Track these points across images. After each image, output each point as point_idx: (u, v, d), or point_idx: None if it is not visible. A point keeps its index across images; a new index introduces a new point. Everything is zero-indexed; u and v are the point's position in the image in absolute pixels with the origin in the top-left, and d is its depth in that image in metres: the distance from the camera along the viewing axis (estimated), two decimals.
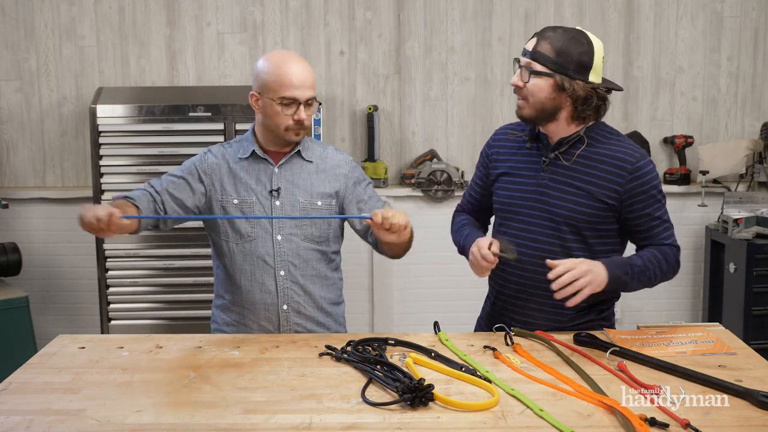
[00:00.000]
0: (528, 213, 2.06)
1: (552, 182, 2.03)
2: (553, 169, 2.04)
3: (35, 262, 4.08)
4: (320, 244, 2.23)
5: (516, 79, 2.02)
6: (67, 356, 1.90)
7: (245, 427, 1.50)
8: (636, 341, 1.93)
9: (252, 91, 2.17)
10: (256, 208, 2.20)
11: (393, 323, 4.04)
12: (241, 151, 2.24)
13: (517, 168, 2.11)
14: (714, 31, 4.13)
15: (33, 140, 4.11)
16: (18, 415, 1.55)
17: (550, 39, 1.96)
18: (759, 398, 1.55)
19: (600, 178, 1.99)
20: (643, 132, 4.12)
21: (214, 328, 2.32)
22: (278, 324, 2.22)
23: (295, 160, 2.23)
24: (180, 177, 2.23)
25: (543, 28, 2.03)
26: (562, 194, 2.01)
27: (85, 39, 4.06)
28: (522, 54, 2.02)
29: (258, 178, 2.21)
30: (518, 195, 2.09)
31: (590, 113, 2.01)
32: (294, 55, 2.17)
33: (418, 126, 4.17)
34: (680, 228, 4.14)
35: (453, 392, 1.64)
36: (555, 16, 4.09)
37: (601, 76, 2.03)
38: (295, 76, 2.10)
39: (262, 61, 2.16)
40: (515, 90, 2.03)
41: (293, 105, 2.11)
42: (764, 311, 3.72)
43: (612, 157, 1.99)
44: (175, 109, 3.62)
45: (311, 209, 2.21)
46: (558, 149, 2.03)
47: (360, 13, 4.08)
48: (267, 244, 2.19)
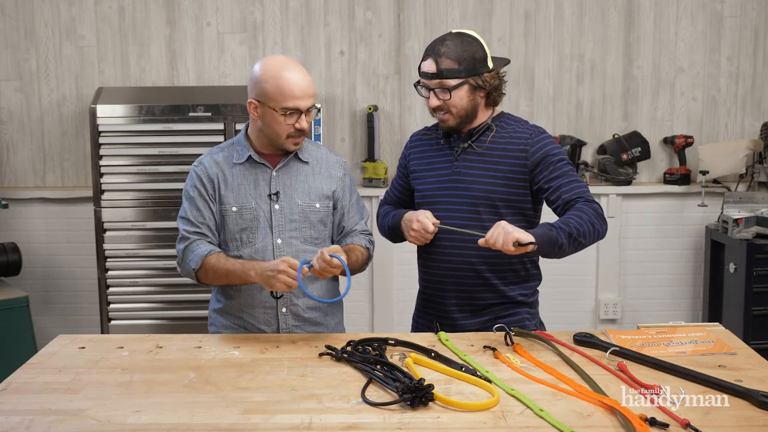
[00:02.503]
0: (446, 200, 2.20)
1: (465, 169, 2.19)
2: (465, 157, 2.20)
3: (35, 262, 4.08)
4: (318, 245, 2.23)
5: (434, 101, 2.15)
6: (67, 356, 1.90)
7: (245, 427, 1.50)
8: (636, 341, 1.93)
9: (250, 99, 2.15)
10: (256, 213, 2.19)
11: (393, 323, 4.04)
12: (236, 156, 2.22)
13: (432, 162, 2.26)
14: (714, 31, 4.13)
15: (33, 140, 4.12)
16: (18, 415, 1.55)
17: (445, 53, 2.10)
18: (759, 398, 1.56)
19: (508, 157, 2.16)
20: (643, 132, 4.12)
21: (212, 331, 2.31)
22: (277, 327, 2.21)
23: (292, 162, 2.23)
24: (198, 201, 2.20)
25: (429, 47, 2.16)
26: (477, 178, 2.17)
27: (85, 39, 4.06)
28: (424, 78, 2.15)
29: (256, 183, 2.20)
30: (436, 186, 2.23)
31: (503, 93, 2.21)
32: (292, 63, 2.14)
33: (418, 126, 4.15)
34: (680, 228, 4.16)
35: (453, 392, 1.64)
36: (555, 16, 4.09)
37: (491, 59, 2.18)
38: (296, 86, 2.09)
39: (259, 68, 2.13)
40: (435, 110, 2.17)
41: (295, 114, 2.11)
42: (764, 311, 3.72)
43: (516, 137, 2.17)
44: (175, 109, 3.62)
45: (310, 211, 2.21)
46: (469, 138, 2.20)
47: (360, 13, 4.08)
48: (267, 249, 2.19)
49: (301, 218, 2.20)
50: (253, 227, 2.19)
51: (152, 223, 3.67)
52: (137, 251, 3.69)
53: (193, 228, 2.20)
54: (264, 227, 2.19)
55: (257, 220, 2.19)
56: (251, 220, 2.19)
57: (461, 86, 2.11)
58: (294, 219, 2.20)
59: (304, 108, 2.11)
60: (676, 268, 4.21)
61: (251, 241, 2.19)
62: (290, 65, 2.13)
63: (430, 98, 2.15)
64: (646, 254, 4.17)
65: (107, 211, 3.65)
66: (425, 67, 2.14)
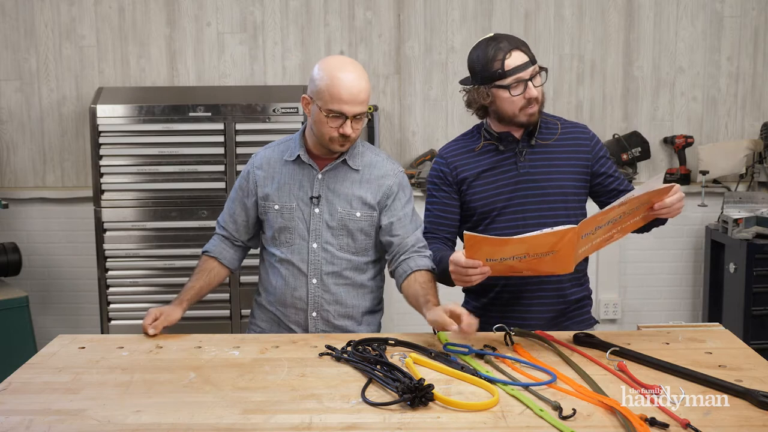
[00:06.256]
0: (517, 202, 2.14)
1: (534, 167, 2.15)
2: (531, 157, 2.16)
3: (35, 262, 4.08)
4: (356, 254, 2.20)
5: (535, 91, 2.08)
6: (67, 356, 1.90)
7: (245, 427, 1.50)
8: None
9: (304, 94, 2.12)
10: (296, 214, 2.17)
11: (393, 323, 4.03)
12: (288, 153, 2.21)
13: (492, 168, 2.17)
14: (714, 31, 4.12)
15: (33, 140, 4.12)
16: (18, 415, 1.55)
17: (520, 44, 2.10)
18: (759, 398, 1.55)
19: (574, 151, 2.18)
20: (643, 132, 4.12)
21: (251, 322, 2.35)
22: (306, 329, 2.22)
23: (340, 167, 2.18)
24: (235, 201, 2.28)
25: (504, 45, 2.09)
26: (548, 174, 2.15)
27: (85, 39, 4.06)
28: (518, 72, 2.06)
29: (301, 183, 2.18)
30: (502, 190, 2.15)
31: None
32: (351, 66, 2.07)
33: (418, 126, 4.17)
34: (680, 228, 4.16)
35: (453, 392, 1.64)
36: (555, 16, 4.09)
37: None
38: (346, 90, 2.02)
39: (319, 65, 2.09)
40: (527, 104, 2.09)
41: (340, 118, 2.05)
42: (764, 311, 3.72)
43: (577, 132, 2.21)
44: (175, 109, 3.62)
45: (349, 219, 2.16)
46: (531, 136, 2.16)
47: (360, 13, 4.08)
48: (303, 252, 2.18)
49: (340, 225, 2.16)
50: (291, 228, 2.18)
51: (152, 223, 3.66)
52: (137, 251, 3.69)
53: (217, 230, 2.33)
54: (301, 230, 2.17)
55: (296, 221, 2.17)
56: (290, 220, 2.17)
57: (545, 74, 2.11)
58: (332, 225, 2.16)
59: (351, 114, 2.04)
60: (676, 268, 4.21)
61: (288, 241, 2.19)
62: (348, 67, 2.06)
63: (528, 89, 2.06)
64: (646, 254, 4.17)
65: (107, 211, 3.65)
66: (515, 60, 2.06)
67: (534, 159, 2.16)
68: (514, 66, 2.06)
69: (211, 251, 2.29)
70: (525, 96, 2.07)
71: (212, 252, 2.29)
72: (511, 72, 2.06)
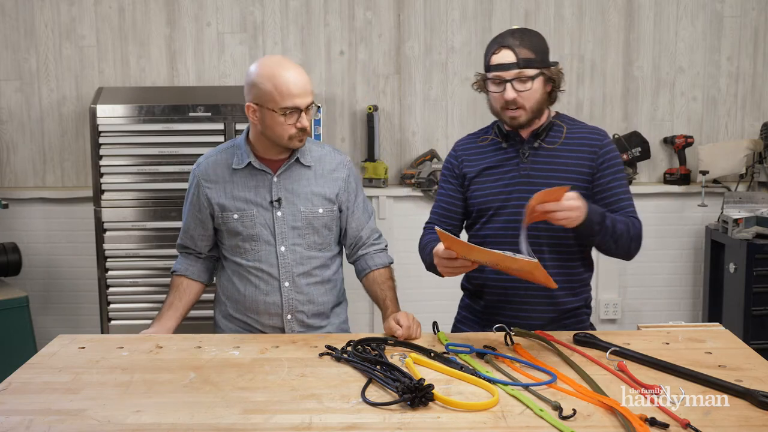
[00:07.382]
0: (515, 203, 2.10)
1: (535, 171, 2.12)
2: (534, 159, 2.13)
3: (35, 262, 4.08)
4: (322, 250, 2.22)
5: (510, 94, 2.04)
6: (67, 356, 1.90)
7: (245, 427, 1.50)
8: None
9: (248, 102, 2.11)
10: (257, 221, 2.17)
11: None
12: (236, 161, 2.19)
13: (494, 166, 2.17)
14: (714, 31, 4.12)
15: (33, 140, 4.11)
16: (18, 415, 1.55)
17: (521, 44, 2.04)
18: (759, 398, 1.55)
19: (578, 157, 2.12)
20: (643, 132, 4.12)
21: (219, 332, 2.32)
22: (282, 332, 2.22)
23: (294, 167, 2.19)
24: (188, 216, 2.28)
25: (498, 40, 2.07)
26: (547, 179, 2.09)
27: (85, 39, 4.06)
28: (498, 70, 2.04)
29: (257, 190, 2.17)
30: (502, 189, 2.14)
31: (562, 90, 2.16)
32: (287, 62, 2.10)
33: (418, 126, 4.17)
34: (680, 228, 4.16)
35: (453, 392, 1.64)
36: (555, 16, 4.09)
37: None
38: (294, 84, 2.05)
39: (254, 70, 2.09)
40: (506, 105, 2.06)
41: (295, 113, 2.07)
42: (764, 311, 3.72)
43: (587, 137, 2.14)
44: (175, 109, 3.62)
45: (313, 217, 2.18)
46: (536, 138, 2.14)
47: (360, 13, 4.08)
48: (271, 257, 2.18)
49: (305, 224, 2.18)
50: (255, 235, 2.17)
51: (152, 223, 3.66)
52: (137, 251, 3.69)
53: (181, 240, 2.32)
54: (266, 235, 2.17)
55: (259, 227, 2.17)
56: (252, 227, 2.17)
57: (537, 77, 2.05)
58: (297, 226, 2.17)
59: (304, 106, 2.07)
60: (676, 268, 4.21)
61: (254, 249, 2.18)
62: (285, 63, 2.09)
63: (506, 91, 2.04)
64: (646, 254, 4.13)
65: (107, 211, 3.65)
66: (500, 58, 2.04)
67: (536, 162, 2.13)
68: (496, 63, 2.06)
69: (178, 270, 2.31)
70: (503, 96, 2.06)
71: (179, 270, 2.31)
72: (493, 68, 2.07)
